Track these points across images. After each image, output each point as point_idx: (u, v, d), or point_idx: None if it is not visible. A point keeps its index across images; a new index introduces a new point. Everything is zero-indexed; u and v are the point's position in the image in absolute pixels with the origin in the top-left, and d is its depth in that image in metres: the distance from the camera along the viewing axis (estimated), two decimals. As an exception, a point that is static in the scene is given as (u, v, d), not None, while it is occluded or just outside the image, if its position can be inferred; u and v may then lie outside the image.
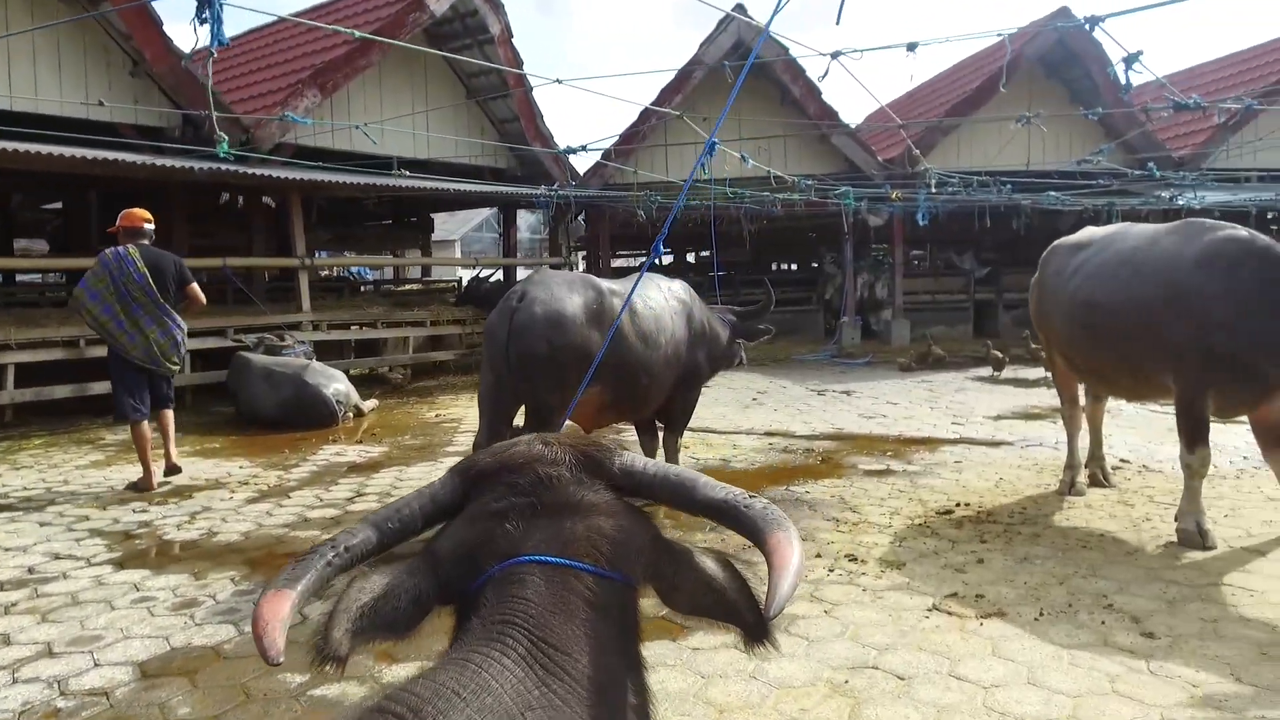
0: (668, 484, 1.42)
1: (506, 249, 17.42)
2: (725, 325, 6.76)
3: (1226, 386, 4.57)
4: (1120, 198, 15.96)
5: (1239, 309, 4.43)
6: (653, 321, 5.68)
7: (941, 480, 6.74)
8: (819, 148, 17.99)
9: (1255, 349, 4.34)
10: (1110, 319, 5.14)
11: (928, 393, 11.64)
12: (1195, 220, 5.07)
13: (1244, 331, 4.39)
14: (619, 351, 5.40)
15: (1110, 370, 5.41)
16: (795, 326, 19.65)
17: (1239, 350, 4.41)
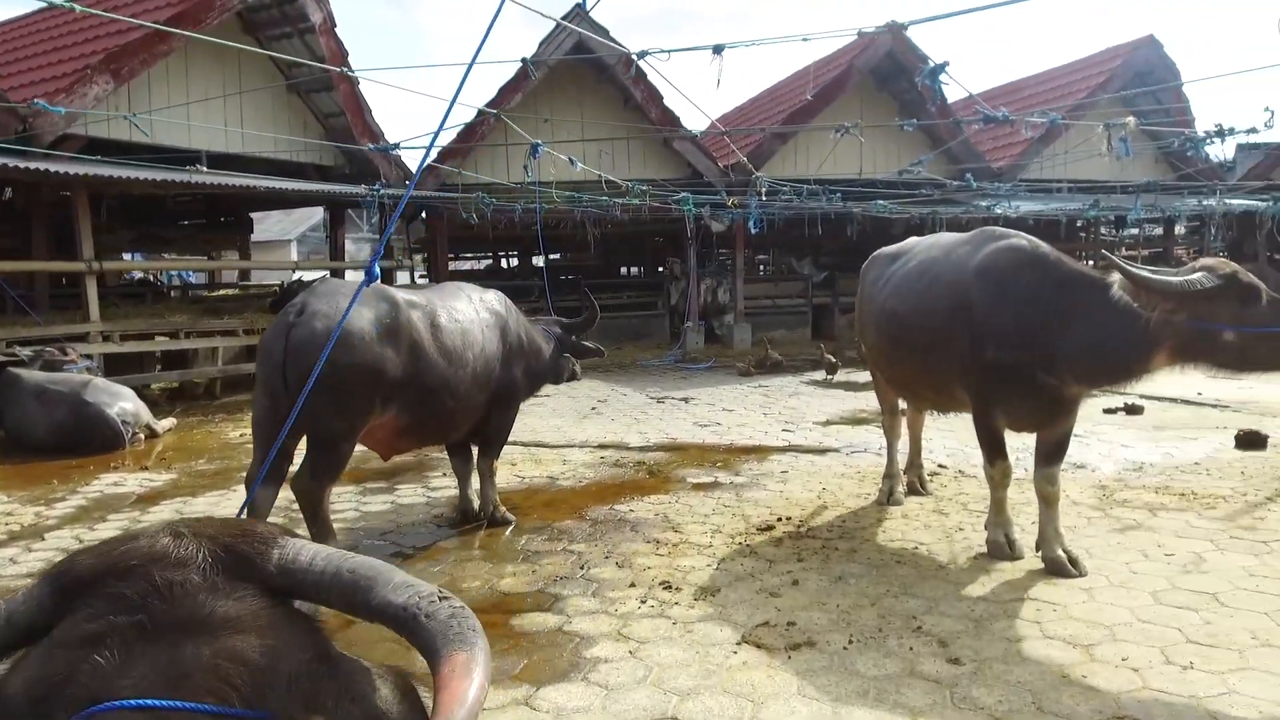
0: (339, 583, 1.10)
1: (333, 251, 16.41)
2: (549, 338, 6.39)
3: (1006, 398, 4.53)
4: (945, 206, 16.68)
5: (1014, 319, 4.37)
6: (459, 336, 5.24)
7: (766, 493, 6.62)
8: (662, 153, 17.94)
9: (1026, 359, 4.32)
10: (910, 331, 5.08)
11: (763, 398, 11.68)
12: (988, 229, 5.01)
13: (1019, 343, 4.35)
14: (418, 370, 4.94)
15: (915, 383, 5.38)
16: (641, 331, 19.58)
17: (1009, 360, 4.38)
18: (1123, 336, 4.05)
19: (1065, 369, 4.29)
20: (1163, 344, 3.97)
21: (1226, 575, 4.54)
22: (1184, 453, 7.53)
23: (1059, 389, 4.37)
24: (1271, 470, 6.75)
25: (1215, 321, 3.84)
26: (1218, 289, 3.81)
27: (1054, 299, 4.30)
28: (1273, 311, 3.82)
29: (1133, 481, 6.60)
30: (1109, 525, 5.51)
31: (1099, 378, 4.36)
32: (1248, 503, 5.87)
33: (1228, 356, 3.92)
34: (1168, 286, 3.85)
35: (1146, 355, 4.04)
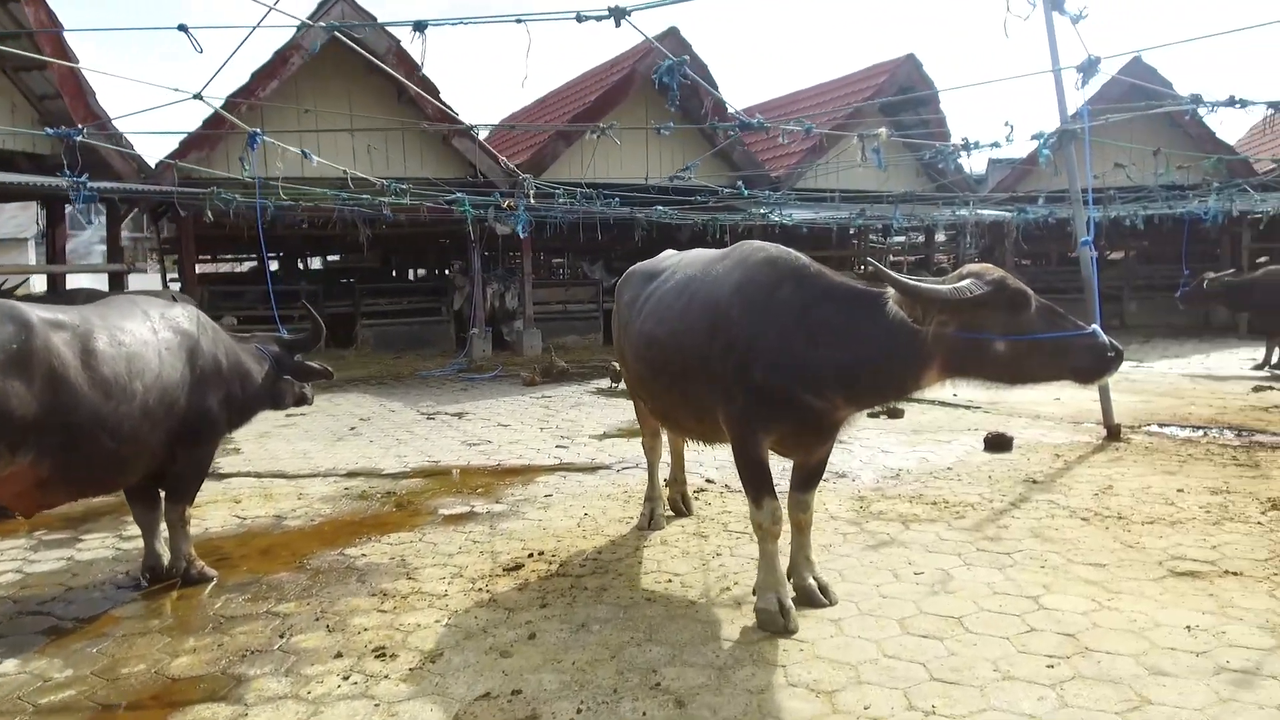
0: None
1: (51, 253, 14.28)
2: (264, 359, 5.50)
3: (774, 425, 4.15)
4: (726, 214, 16.86)
5: (775, 337, 3.97)
6: (122, 363, 4.29)
7: (524, 523, 6.05)
8: (442, 150, 17.00)
9: (795, 382, 3.96)
10: (669, 357, 4.60)
11: (544, 410, 11.14)
12: (744, 243, 4.65)
13: (780, 363, 3.94)
14: (60, 406, 3.96)
15: (678, 413, 4.90)
16: (423, 339, 18.56)
17: (777, 383, 3.96)
18: (893, 351, 3.73)
19: (836, 389, 3.93)
20: (934, 358, 3.70)
21: (972, 594, 4.43)
22: (939, 457, 7.69)
23: (830, 412, 4.05)
24: (1015, 474, 6.97)
25: (986, 331, 3.60)
26: (987, 296, 3.56)
27: (819, 314, 3.93)
28: (1043, 318, 3.63)
29: (890, 490, 6.59)
30: (864, 542, 5.36)
31: (871, 396, 4.05)
32: (993, 510, 5.95)
33: (1000, 368, 3.68)
34: (936, 295, 3.55)
35: (918, 370, 3.77)
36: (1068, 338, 3.55)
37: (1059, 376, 3.69)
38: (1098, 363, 3.55)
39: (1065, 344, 3.55)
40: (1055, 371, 3.66)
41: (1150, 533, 5.28)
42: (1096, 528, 5.43)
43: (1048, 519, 5.66)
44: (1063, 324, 3.60)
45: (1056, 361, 3.59)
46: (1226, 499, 5.94)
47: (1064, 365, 3.60)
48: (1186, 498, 6.03)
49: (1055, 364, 3.61)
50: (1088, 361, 3.56)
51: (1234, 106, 6.60)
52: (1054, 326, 3.58)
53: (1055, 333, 3.56)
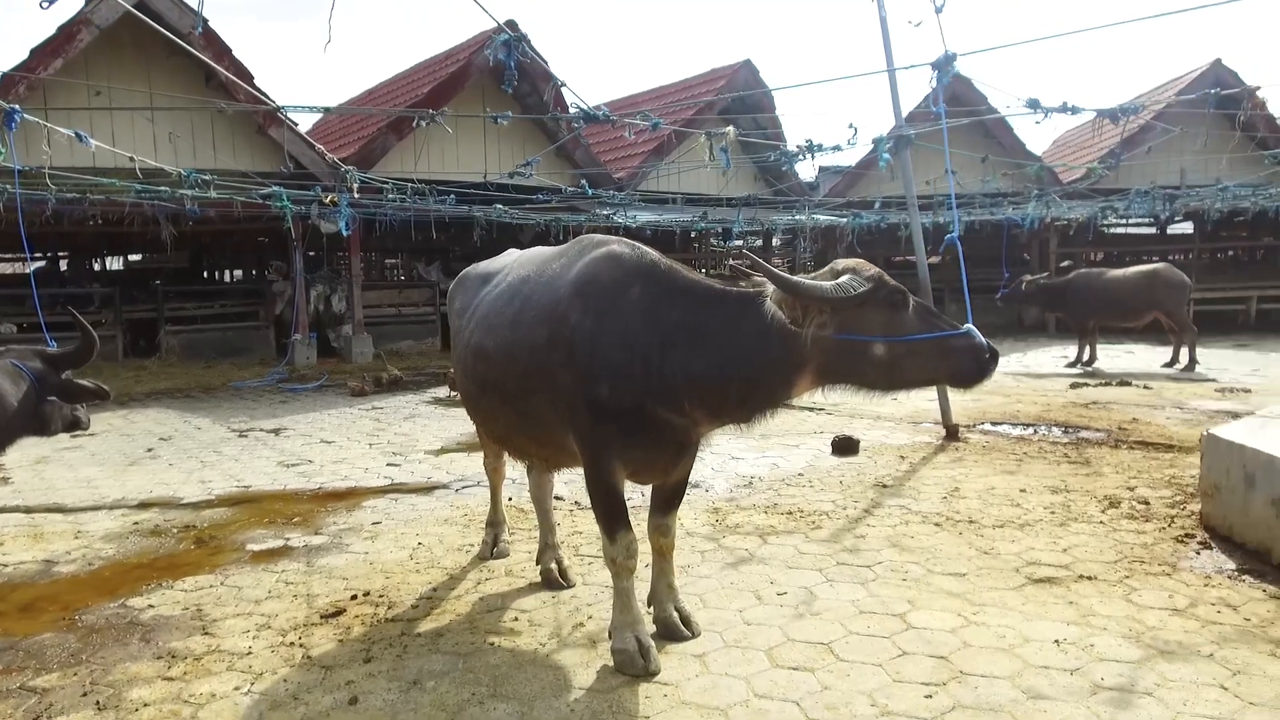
0: None
1: None
2: (20, 377, 4.58)
3: (626, 447, 3.67)
4: (569, 214, 16.44)
5: (627, 346, 3.49)
6: None
7: (348, 557, 5.36)
8: (258, 141, 15.63)
9: (649, 396, 3.50)
10: (503, 373, 4.05)
11: (373, 424, 10.30)
12: (585, 237, 4.05)
13: (630, 374, 3.48)
14: None
15: (518, 437, 4.33)
16: (240, 346, 17.07)
17: (627, 398, 3.48)
18: (765, 357, 3.36)
19: (698, 402, 3.49)
20: (809, 363, 3.35)
21: (838, 615, 4.18)
22: (789, 463, 7.54)
23: (690, 429, 3.63)
24: (864, 478, 6.89)
25: (865, 332, 3.28)
26: (869, 294, 3.26)
27: (674, 316, 3.49)
28: (921, 319, 3.36)
29: (744, 500, 6.34)
30: (723, 560, 5.05)
31: (737, 410, 3.52)
32: (848, 518, 5.79)
33: (878, 373, 3.32)
34: (820, 292, 3.20)
35: (792, 378, 3.40)
36: (946, 338, 3.31)
37: (936, 380, 3.47)
38: (977, 365, 3.32)
39: (944, 346, 3.31)
40: (933, 374, 3.43)
41: (1003, 537, 5.25)
42: (950, 534, 5.35)
43: (902, 526, 5.55)
44: (939, 324, 3.36)
45: (935, 364, 3.35)
46: (1067, 498, 6.05)
47: (942, 368, 3.36)
48: (1030, 498, 6.10)
49: (934, 367, 3.36)
50: (967, 364, 3.33)
51: (1066, 112, 6.79)
52: (931, 327, 3.34)
53: (933, 333, 3.31)
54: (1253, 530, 4.65)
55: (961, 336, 3.33)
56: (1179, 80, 21.87)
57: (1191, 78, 20.79)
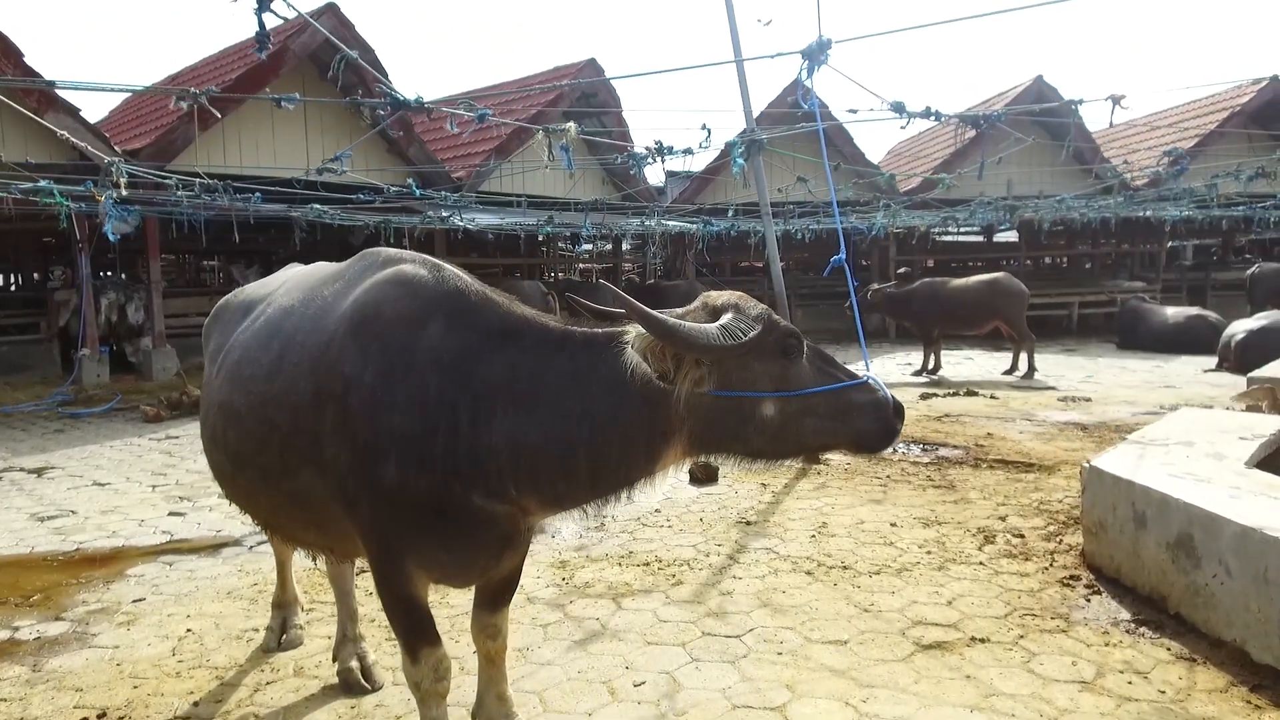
0: None
1: None
2: None
3: (426, 546, 2.69)
4: (403, 216, 15.18)
5: (418, 406, 2.58)
6: None
7: (90, 656, 4.17)
8: (33, 130, 13.51)
9: (455, 478, 2.57)
10: (258, 440, 2.96)
11: (163, 458, 8.83)
12: (372, 252, 3.09)
13: (428, 450, 2.57)
14: None
15: (292, 526, 3.27)
16: (16, 363, 14.81)
17: (424, 481, 2.57)
18: (621, 423, 2.54)
19: (527, 486, 2.60)
20: (679, 429, 2.54)
21: (708, 713, 3.45)
22: (645, 495, 6.80)
23: (515, 519, 2.73)
24: (726, 513, 6.26)
25: (751, 387, 2.50)
26: (758, 339, 2.51)
27: (493, 367, 2.60)
28: (818, 369, 2.63)
29: (595, 548, 5.55)
30: (570, 635, 4.22)
31: (583, 493, 2.65)
32: (712, 569, 5.10)
33: (765, 439, 2.55)
34: (703, 338, 2.41)
35: (655, 449, 2.58)
36: (844, 391, 2.60)
37: (834, 444, 2.71)
38: (882, 425, 2.61)
39: (844, 401, 2.60)
40: (831, 438, 2.66)
41: (880, 587, 4.69)
42: (825, 585, 4.75)
43: (771, 576, 4.91)
44: (835, 373, 2.66)
45: (833, 425, 2.60)
46: (940, 532, 5.60)
47: (842, 430, 2.61)
48: (902, 533, 5.62)
49: (831, 428, 2.61)
50: (870, 423, 2.60)
51: (928, 117, 6.42)
52: (828, 378, 2.63)
53: (830, 385, 2.60)
54: (1144, 575, 4.28)
55: (861, 388, 2.64)
56: (1004, 95, 22.92)
57: (1016, 92, 21.80)
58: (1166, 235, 22.84)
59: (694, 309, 2.66)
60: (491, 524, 2.67)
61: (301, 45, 15.76)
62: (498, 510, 2.64)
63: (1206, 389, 11.36)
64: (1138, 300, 18.59)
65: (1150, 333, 16.51)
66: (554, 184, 18.56)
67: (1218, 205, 15.38)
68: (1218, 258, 27.34)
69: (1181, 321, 16.25)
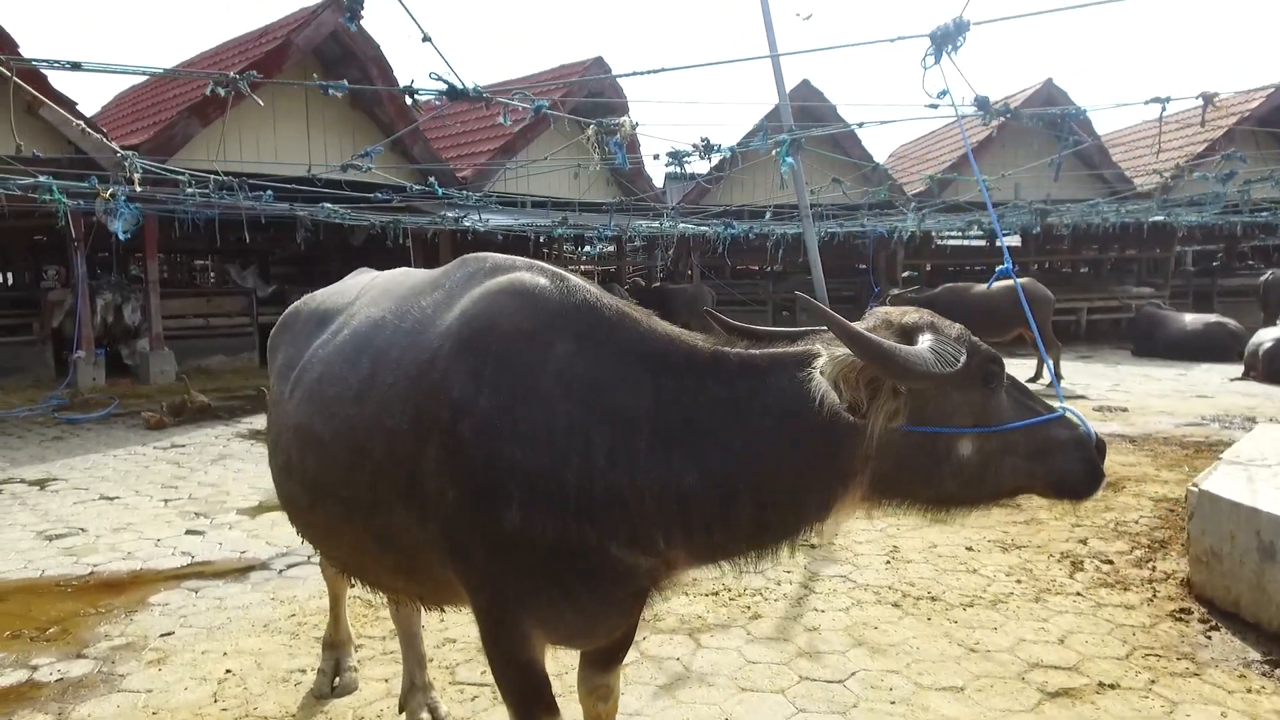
0: None
1: None
2: None
3: (550, 602, 2.30)
4: (409, 216, 14.77)
5: (546, 440, 2.20)
6: None
7: (119, 701, 3.76)
8: (27, 124, 13.01)
9: (591, 525, 2.18)
10: (345, 471, 2.56)
11: (172, 469, 8.40)
12: (474, 258, 2.70)
13: (557, 490, 2.18)
14: None
15: (370, 566, 2.85)
16: (8, 365, 14.29)
17: (552, 528, 2.20)
18: (795, 461, 2.15)
19: (678, 536, 2.22)
20: (862, 470, 2.15)
21: (829, 774, 3.09)
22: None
23: (657, 573, 2.34)
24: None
25: (950, 422, 2.12)
26: (967, 366, 2.10)
27: (637, 394, 2.22)
28: (1015, 400, 2.24)
29: (653, 574, 5.18)
30: (652, 680, 3.85)
31: (744, 543, 2.25)
32: (788, 599, 4.74)
33: (959, 483, 2.18)
34: (922, 364, 2.03)
35: (832, 493, 2.18)
36: (1046, 426, 2.23)
37: (1029, 489, 2.32)
38: (1087, 465, 2.23)
39: (1044, 438, 2.23)
40: (1028, 482, 2.25)
41: (979, 622, 4.34)
42: (918, 619, 4.40)
43: (856, 609, 4.56)
44: (1033, 405, 2.28)
45: (1032, 466, 2.22)
46: (1022, 558, 5.26)
47: (1041, 471, 2.23)
48: (981, 558, 5.27)
49: (1029, 471, 2.23)
50: (1074, 463, 2.23)
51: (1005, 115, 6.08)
52: (1025, 410, 2.25)
53: (1031, 418, 2.23)
54: (1273, 611, 3.95)
55: (1061, 423, 2.27)
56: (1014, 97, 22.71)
57: (1026, 95, 21.60)
58: (1176, 240, 22.69)
59: (875, 325, 2.28)
60: (629, 578, 2.29)
61: (305, 39, 15.37)
62: (639, 563, 2.26)
63: (1241, 399, 11.11)
64: (1153, 307, 18.37)
65: (1168, 340, 16.28)
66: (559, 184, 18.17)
67: (1246, 210, 15.15)
68: (1221, 263, 27.24)
69: (1200, 329, 16.03)
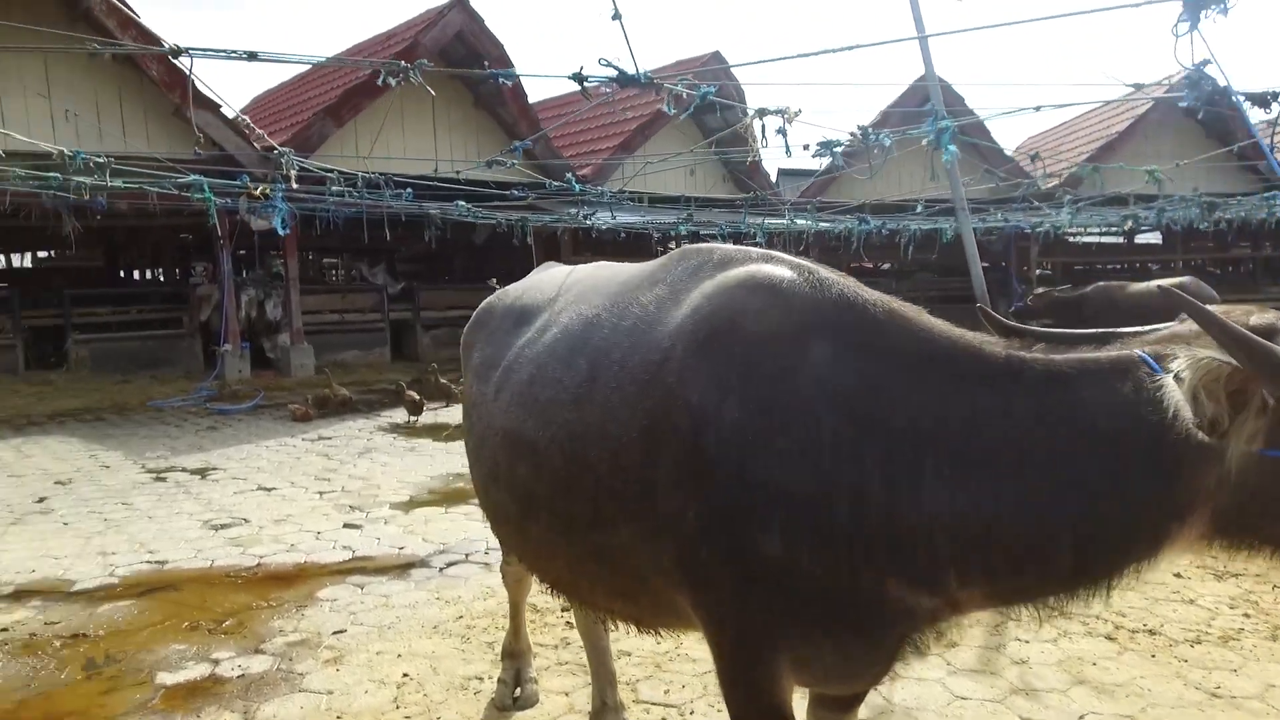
0: None
1: None
2: None
3: (811, 643, 2.03)
4: (532, 214, 14.82)
5: (811, 458, 1.92)
6: None
7: (302, 702, 3.72)
8: (174, 125, 13.68)
9: (867, 554, 1.90)
10: (562, 482, 2.38)
11: (322, 461, 8.58)
12: (695, 249, 2.46)
13: (829, 515, 1.90)
14: None
15: (583, 584, 2.63)
16: (160, 358, 15.07)
17: (820, 561, 1.92)
18: (1125, 489, 1.81)
19: (972, 577, 1.91)
20: (1205, 504, 1.79)
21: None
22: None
23: (938, 615, 2.03)
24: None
25: None
26: None
27: (913, 406, 1.92)
28: None
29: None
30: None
31: (1050, 588, 1.94)
32: (983, 626, 4.36)
33: None
34: None
35: (1166, 531, 1.82)
36: None
37: None
38: None
39: None
40: None
41: (1213, 662, 3.88)
42: (1140, 655, 3.97)
43: (1065, 641, 4.15)
44: None
45: None
46: (1240, 587, 4.74)
47: None
48: (1195, 586, 4.77)
49: None
50: None
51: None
52: None
53: None
54: None
55: None
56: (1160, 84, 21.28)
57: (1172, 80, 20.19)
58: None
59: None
60: (906, 620, 2.00)
61: (432, 40, 15.63)
62: (920, 604, 1.97)
63: None
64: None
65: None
66: (675, 181, 17.93)
67: None
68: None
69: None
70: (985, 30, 4.63)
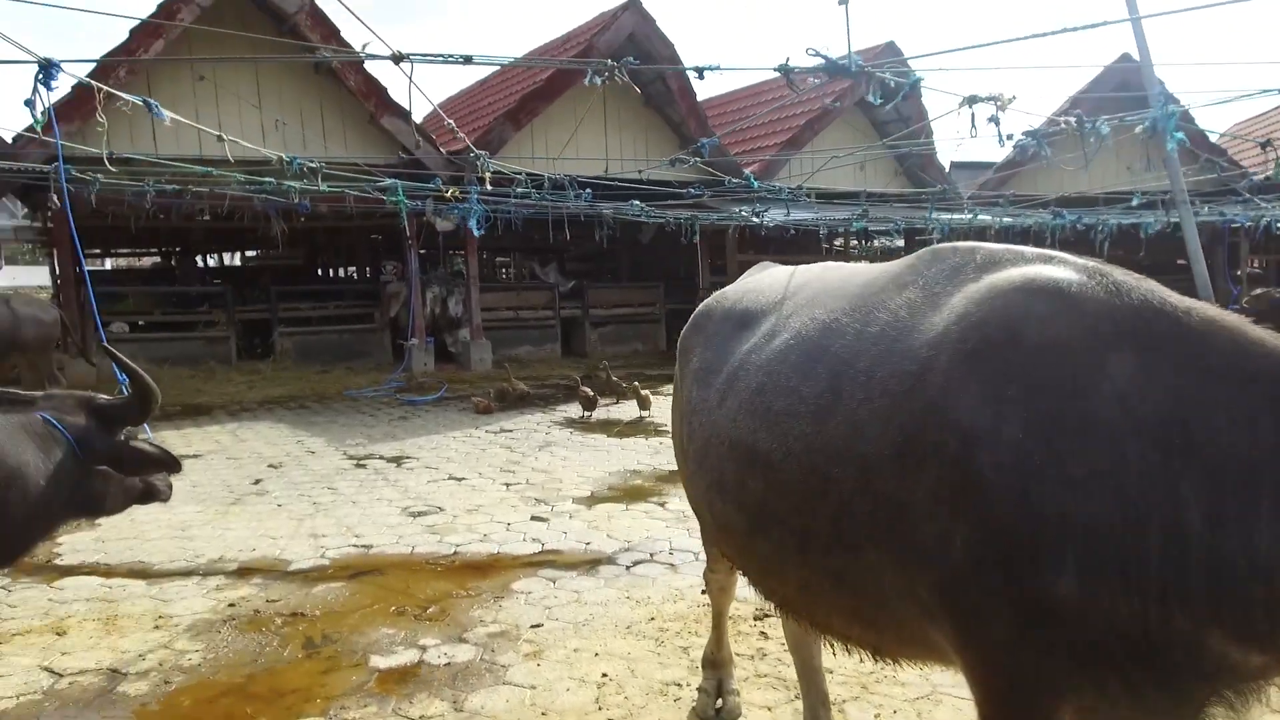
0: None
1: None
2: (53, 442, 3.15)
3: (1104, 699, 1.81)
4: (702, 212, 14.75)
5: (1113, 487, 1.70)
6: None
7: (507, 696, 3.78)
8: (369, 131, 14.58)
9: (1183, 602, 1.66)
10: (798, 498, 2.25)
11: (506, 453, 8.84)
12: (949, 248, 2.28)
13: (1136, 553, 1.67)
14: None
15: (818, 606, 2.46)
16: (354, 349, 16.06)
17: (1124, 604, 1.69)
18: None
19: None
20: None
21: None
22: None
23: (1267, 672, 1.76)
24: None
25: None
26: None
27: (1239, 429, 1.66)
28: None
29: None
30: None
31: None
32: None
33: None
34: None
35: None
36: None
37: None
38: None
39: None
40: None
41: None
42: None
43: None
44: None
45: None
46: None
47: None
48: None
49: None
50: None
51: None
52: None
53: None
54: None
55: None
56: None
57: None
58: None
59: None
60: (1225, 677, 1.72)
61: (605, 43, 15.79)
62: (1247, 661, 1.70)
63: None
64: None
65: None
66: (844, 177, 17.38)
67: None
68: None
69: None
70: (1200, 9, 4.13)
